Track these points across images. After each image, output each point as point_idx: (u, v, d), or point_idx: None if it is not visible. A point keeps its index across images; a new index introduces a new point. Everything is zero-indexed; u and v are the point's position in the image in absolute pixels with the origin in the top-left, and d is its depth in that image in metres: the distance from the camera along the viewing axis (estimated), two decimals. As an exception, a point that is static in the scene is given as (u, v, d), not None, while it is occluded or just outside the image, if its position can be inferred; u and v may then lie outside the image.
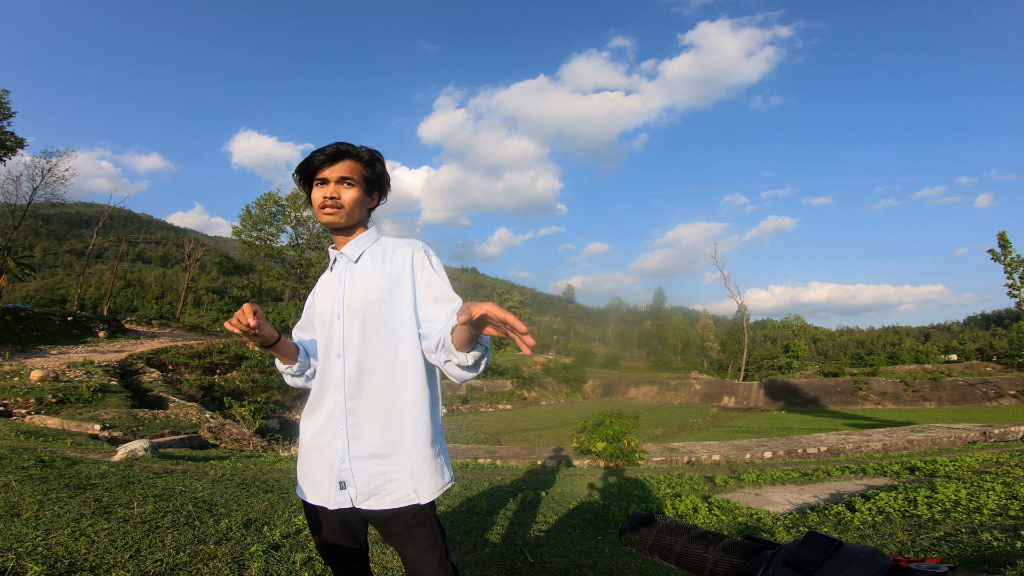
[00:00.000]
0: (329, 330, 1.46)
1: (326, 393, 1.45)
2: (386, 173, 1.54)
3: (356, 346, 1.40)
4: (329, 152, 1.43)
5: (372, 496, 1.36)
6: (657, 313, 69.09)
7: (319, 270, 44.06)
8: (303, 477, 1.47)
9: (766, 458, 9.68)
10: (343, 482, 1.38)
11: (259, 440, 10.34)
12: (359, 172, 1.45)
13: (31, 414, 10.10)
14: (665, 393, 40.56)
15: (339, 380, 1.41)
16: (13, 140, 25.87)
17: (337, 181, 1.43)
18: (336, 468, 1.39)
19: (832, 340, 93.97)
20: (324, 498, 1.40)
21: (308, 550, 2.84)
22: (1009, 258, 31.02)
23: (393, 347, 1.40)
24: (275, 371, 23.26)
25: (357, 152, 1.46)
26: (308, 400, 1.52)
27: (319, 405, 1.46)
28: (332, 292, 1.48)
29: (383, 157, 1.51)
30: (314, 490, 1.43)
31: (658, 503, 5.60)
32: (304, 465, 1.47)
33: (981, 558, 2.93)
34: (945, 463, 6.83)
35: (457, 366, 1.24)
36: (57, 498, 3.25)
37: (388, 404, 1.39)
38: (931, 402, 32.14)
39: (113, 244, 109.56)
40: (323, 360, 1.48)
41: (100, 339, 22.88)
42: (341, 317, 1.43)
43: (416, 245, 1.48)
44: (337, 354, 1.42)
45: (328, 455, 1.41)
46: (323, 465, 1.42)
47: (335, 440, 1.40)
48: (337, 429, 1.40)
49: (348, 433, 1.39)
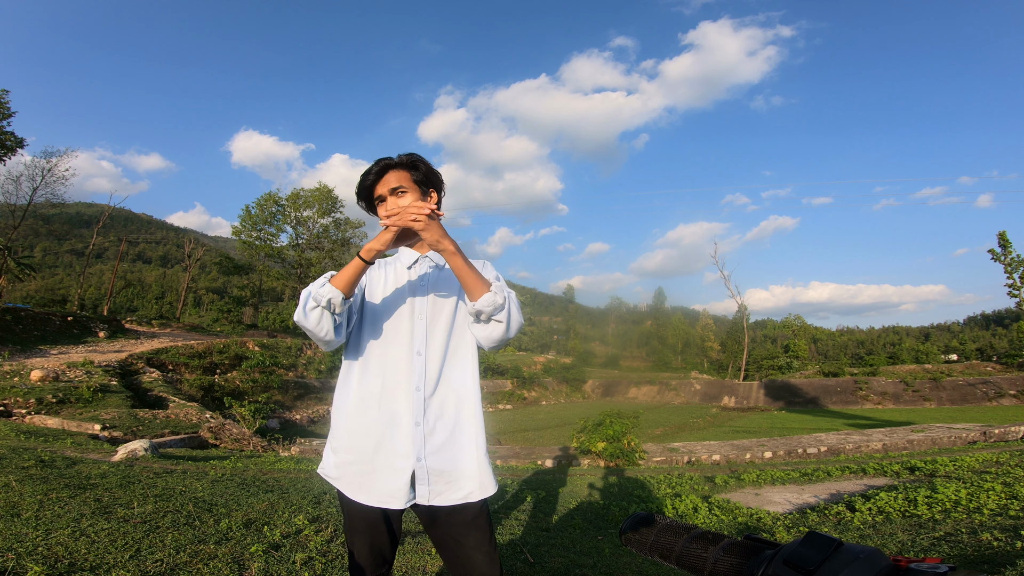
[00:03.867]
0: (408, 327, 1.48)
1: (397, 390, 1.44)
2: (433, 170, 1.58)
3: (439, 346, 1.47)
4: (375, 171, 1.53)
5: (444, 492, 1.38)
6: (657, 313, 69.06)
7: (319, 270, 44.03)
8: (357, 476, 1.41)
9: (766, 458, 9.68)
10: (415, 480, 1.38)
11: (259, 440, 10.34)
12: (407, 179, 1.52)
13: (31, 414, 10.10)
14: (665, 393, 40.55)
15: (418, 378, 1.43)
16: (13, 140, 25.87)
17: (390, 193, 1.51)
18: (408, 466, 1.38)
19: (832, 340, 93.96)
20: (386, 497, 1.38)
21: (308, 550, 2.84)
22: (1009, 258, 30.99)
23: (466, 347, 1.51)
24: (275, 371, 23.35)
25: (398, 161, 1.54)
26: (358, 395, 1.46)
27: (387, 402, 1.44)
28: (411, 291, 1.52)
29: (423, 157, 1.57)
30: (372, 490, 1.39)
31: (658, 503, 5.60)
32: (358, 464, 1.42)
33: (981, 558, 2.93)
34: (945, 463, 6.83)
35: (476, 319, 1.40)
36: (57, 498, 3.25)
37: (459, 402, 1.46)
38: (931, 402, 32.12)
39: (113, 244, 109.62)
40: (393, 356, 1.46)
41: (100, 339, 22.88)
42: (424, 317, 1.48)
43: (486, 262, 1.59)
44: (418, 352, 1.45)
45: (399, 453, 1.39)
46: (389, 464, 1.39)
47: (409, 438, 1.40)
48: (412, 426, 1.40)
49: (424, 430, 1.40)
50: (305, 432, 16.13)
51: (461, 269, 1.36)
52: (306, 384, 25.06)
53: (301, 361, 28.69)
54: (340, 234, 44.76)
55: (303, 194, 43.57)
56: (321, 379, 26.79)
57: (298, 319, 1.38)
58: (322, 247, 44.29)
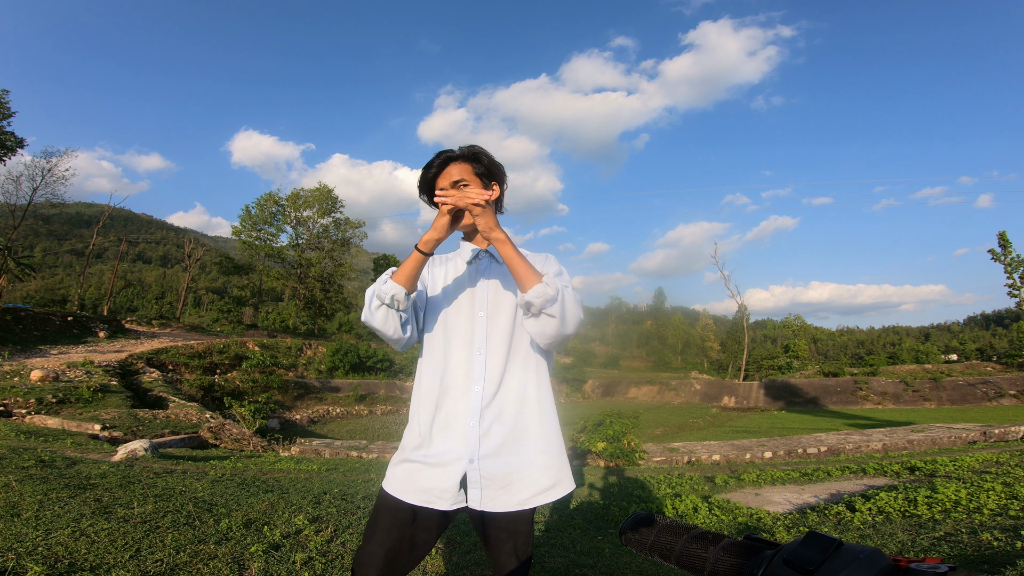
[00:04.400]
0: (468, 323, 1.44)
1: (455, 388, 1.39)
2: (496, 162, 1.54)
3: (500, 344, 1.41)
4: (436, 163, 1.48)
5: (498, 497, 1.33)
6: (657, 313, 69.13)
7: (319, 270, 44.06)
8: (409, 473, 1.37)
9: (766, 458, 9.67)
10: (469, 483, 1.33)
11: (259, 440, 10.34)
12: (469, 171, 1.47)
13: (31, 414, 10.10)
14: (665, 393, 40.54)
15: (479, 376, 1.39)
16: (13, 140, 25.90)
17: (452, 186, 1.45)
18: (460, 466, 1.33)
19: (832, 340, 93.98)
20: (432, 497, 1.32)
21: (308, 550, 2.84)
22: (1009, 258, 30.98)
23: (528, 346, 1.44)
24: (275, 371, 23.33)
25: (460, 153, 1.50)
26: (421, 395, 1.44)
27: (445, 400, 1.40)
28: (471, 285, 1.48)
29: (485, 150, 1.53)
30: (418, 488, 1.34)
31: (658, 503, 5.59)
32: (413, 463, 1.38)
33: (981, 558, 2.93)
34: (945, 463, 6.83)
35: (527, 312, 1.32)
36: (57, 498, 3.25)
37: (519, 401, 1.40)
38: (931, 402, 32.12)
39: (113, 244, 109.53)
40: (454, 353, 1.42)
41: (100, 339, 22.89)
42: (485, 313, 1.44)
43: (550, 255, 1.54)
44: (478, 350, 1.40)
45: (453, 454, 1.34)
46: (441, 462, 1.34)
47: (464, 438, 1.35)
48: (468, 426, 1.35)
49: (480, 431, 1.35)
50: (305, 432, 16.13)
51: (512, 258, 1.31)
52: (306, 384, 25.06)
53: (301, 361, 28.70)
54: (340, 234, 44.77)
55: (303, 194, 43.60)
56: (321, 379, 26.80)
57: (365, 319, 1.37)
58: (322, 247, 44.31)
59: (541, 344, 1.37)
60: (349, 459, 8.73)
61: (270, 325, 46.34)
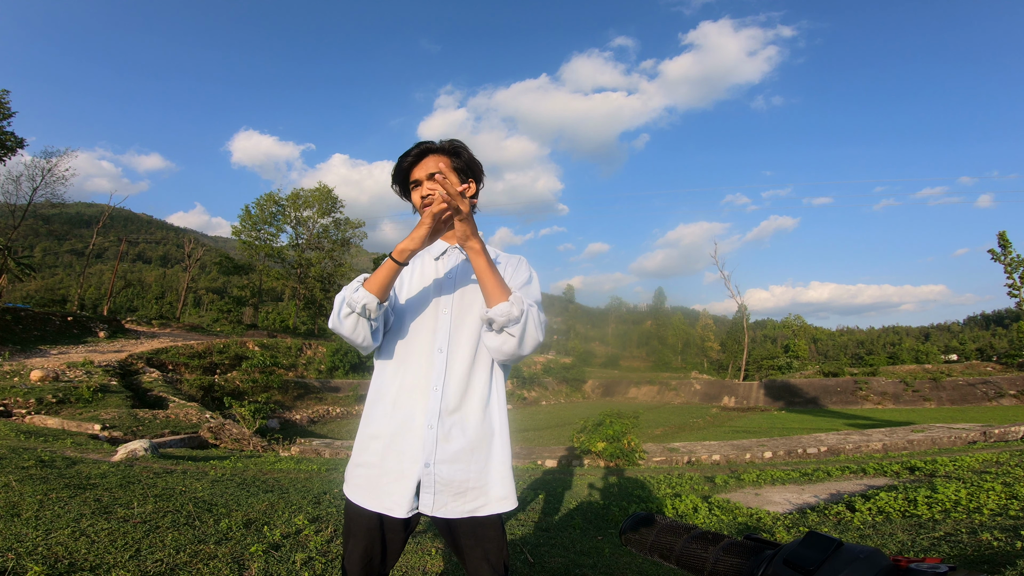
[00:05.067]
0: (431, 322, 1.38)
1: (415, 389, 1.34)
2: (475, 159, 1.49)
3: (465, 344, 1.36)
4: (414, 153, 1.43)
5: (450, 503, 1.28)
6: (657, 313, 69.09)
7: (319, 270, 44.07)
8: (367, 479, 1.33)
9: (766, 458, 9.68)
10: (422, 487, 1.28)
11: (259, 440, 10.35)
12: (447, 165, 1.41)
13: (31, 414, 10.11)
14: (665, 393, 40.57)
15: (438, 377, 1.32)
16: (13, 140, 25.90)
17: (428, 178, 1.41)
18: (415, 471, 1.28)
19: (832, 340, 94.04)
20: (390, 504, 1.28)
21: (308, 550, 2.84)
22: (1009, 258, 31.01)
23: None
24: (275, 371, 23.34)
25: (440, 146, 1.45)
26: (377, 395, 1.39)
27: (404, 401, 1.34)
28: (438, 283, 1.42)
29: (466, 144, 1.49)
30: (377, 495, 1.30)
31: (658, 503, 5.59)
32: (369, 467, 1.33)
33: (981, 558, 2.93)
34: (945, 463, 6.83)
35: (488, 327, 1.30)
36: (57, 498, 3.25)
37: (482, 406, 1.34)
38: (931, 402, 32.14)
39: (113, 244, 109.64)
40: (415, 353, 1.37)
41: (100, 339, 22.89)
42: (449, 312, 1.38)
43: (522, 258, 1.51)
44: (439, 349, 1.34)
45: (408, 457, 1.30)
46: (396, 467, 1.30)
47: (421, 441, 1.29)
48: (425, 429, 1.30)
49: (438, 434, 1.29)
50: (305, 432, 16.14)
51: (483, 271, 1.26)
52: (306, 384, 25.05)
53: (301, 361, 28.69)
54: (340, 234, 44.77)
55: (303, 194, 43.58)
56: (321, 379, 26.79)
57: (333, 326, 1.31)
58: (322, 247, 44.30)
59: (497, 359, 1.35)
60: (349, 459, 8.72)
61: (270, 325, 46.30)
